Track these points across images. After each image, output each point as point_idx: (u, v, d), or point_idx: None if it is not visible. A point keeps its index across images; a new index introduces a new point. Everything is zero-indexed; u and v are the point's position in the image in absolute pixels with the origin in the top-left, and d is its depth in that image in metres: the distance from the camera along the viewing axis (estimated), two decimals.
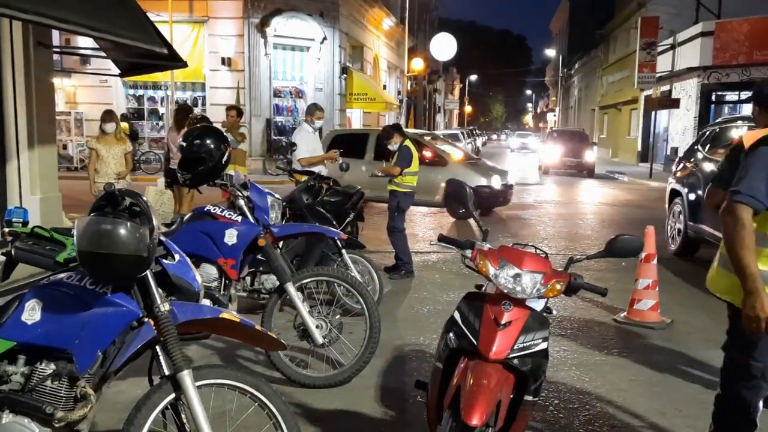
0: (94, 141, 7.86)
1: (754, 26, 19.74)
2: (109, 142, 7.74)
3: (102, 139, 7.76)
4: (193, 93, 20.14)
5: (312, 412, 3.75)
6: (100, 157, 7.68)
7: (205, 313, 2.47)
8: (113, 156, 7.72)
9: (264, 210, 4.20)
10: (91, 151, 7.90)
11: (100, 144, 7.73)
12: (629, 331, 5.46)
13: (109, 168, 7.68)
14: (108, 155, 7.69)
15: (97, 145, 7.73)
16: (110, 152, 7.71)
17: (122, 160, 7.80)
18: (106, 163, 7.67)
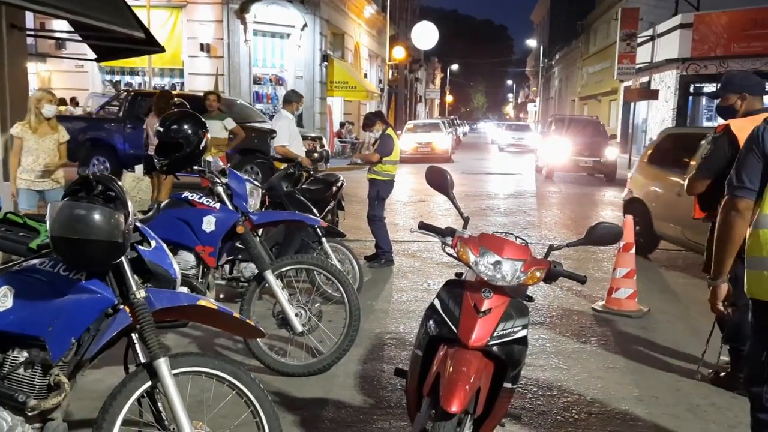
0: (22, 127, 6.00)
1: (732, 18, 19.92)
2: (42, 131, 6.02)
3: (32, 125, 5.98)
4: (171, 79, 19.87)
5: (291, 401, 3.73)
6: (28, 147, 5.98)
7: (182, 300, 2.44)
8: (44, 147, 6.03)
9: (243, 197, 4.15)
10: (15, 139, 6.07)
11: (29, 131, 5.98)
12: (607, 319, 5.51)
13: (39, 161, 6.01)
14: (38, 146, 6.00)
15: (26, 133, 5.97)
16: (41, 142, 6.01)
17: (55, 152, 6.12)
18: (35, 156, 6.00)
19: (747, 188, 2.65)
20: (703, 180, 3.83)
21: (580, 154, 17.54)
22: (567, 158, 17.65)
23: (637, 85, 26.86)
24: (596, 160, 17.49)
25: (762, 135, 2.67)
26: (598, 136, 18.68)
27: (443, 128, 26.32)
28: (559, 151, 17.93)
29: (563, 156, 17.74)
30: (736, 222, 2.67)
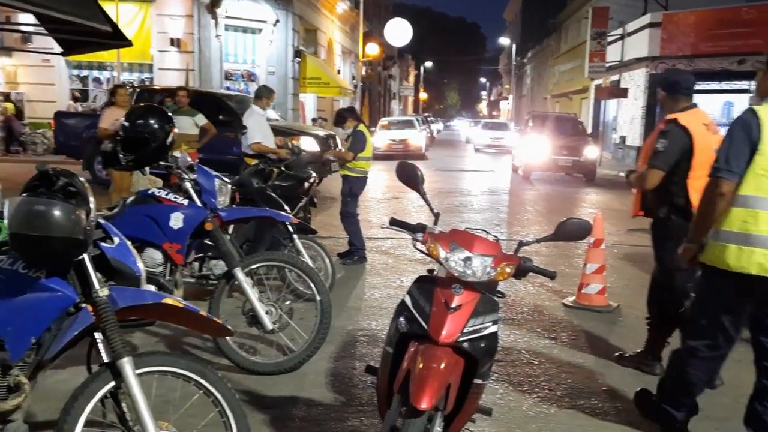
0: None
1: (700, 18, 20.27)
2: None
3: None
4: (141, 74, 19.56)
5: (261, 399, 3.69)
6: None
7: (147, 298, 2.38)
8: None
9: (211, 193, 4.09)
10: None
11: None
12: (578, 314, 5.56)
13: None
14: None
15: None
16: None
17: None
18: None
19: (732, 171, 2.87)
20: (659, 172, 3.89)
21: (559, 153, 16.71)
22: (545, 157, 16.76)
23: (607, 83, 27.20)
24: (576, 159, 16.74)
25: (750, 124, 2.86)
26: (577, 134, 18.12)
27: (417, 125, 26.32)
28: (536, 149, 17.02)
29: (541, 155, 16.83)
30: (718, 202, 2.91)
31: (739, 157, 2.88)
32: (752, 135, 2.86)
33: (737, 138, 2.90)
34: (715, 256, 2.98)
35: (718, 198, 2.90)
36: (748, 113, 2.93)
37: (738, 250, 2.90)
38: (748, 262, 2.88)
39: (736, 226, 2.91)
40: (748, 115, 2.92)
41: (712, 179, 2.93)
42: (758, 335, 3.06)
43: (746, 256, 2.88)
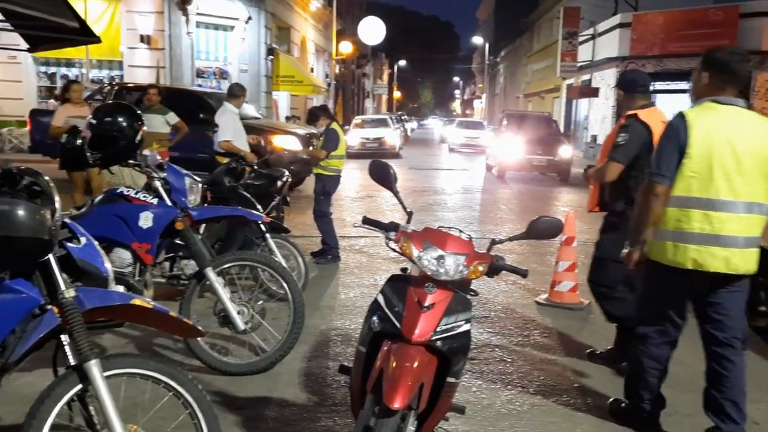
0: None
1: (669, 19, 20.61)
2: None
3: None
4: (110, 71, 19.26)
5: (233, 400, 3.65)
6: None
7: (115, 299, 2.34)
8: None
9: (182, 192, 4.03)
10: None
11: None
12: (550, 312, 5.60)
13: None
14: None
15: None
16: None
17: None
18: None
19: (664, 175, 3.07)
20: (619, 165, 3.95)
21: (534, 153, 16.59)
22: (520, 156, 16.61)
23: (578, 82, 27.51)
24: (550, 158, 16.65)
25: (678, 129, 3.05)
26: (551, 134, 17.99)
27: (391, 124, 26.34)
28: (511, 148, 16.84)
29: (516, 154, 16.69)
30: (654, 203, 3.10)
31: (669, 162, 3.06)
32: (680, 140, 3.03)
33: (667, 144, 3.09)
34: (655, 253, 3.20)
35: (652, 199, 3.09)
36: (677, 118, 3.09)
37: (674, 246, 3.10)
38: (683, 257, 3.08)
39: (671, 225, 3.11)
40: (677, 121, 3.09)
41: (647, 183, 3.15)
42: (703, 324, 3.27)
43: (681, 252, 3.08)
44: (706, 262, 3.05)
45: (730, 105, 3.10)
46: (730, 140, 3.00)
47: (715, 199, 3.02)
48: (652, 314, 3.32)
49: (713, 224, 3.03)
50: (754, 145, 3.03)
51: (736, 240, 3.04)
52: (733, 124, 3.05)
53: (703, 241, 3.04)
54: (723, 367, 3.21)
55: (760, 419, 3.67)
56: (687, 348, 3.72)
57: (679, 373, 4.02)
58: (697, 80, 3.22)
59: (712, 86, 3.14)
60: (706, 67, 3.17)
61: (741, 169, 3.01)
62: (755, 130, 3.07)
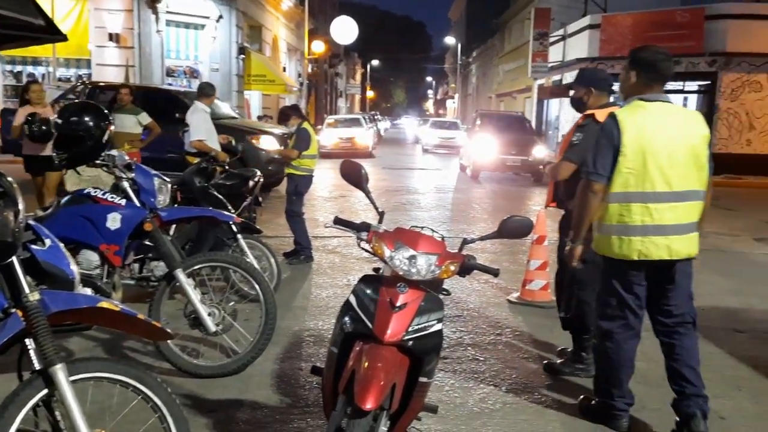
0: None
1: (636, 20, 20.91)
2: None
3: None
4: (78, 70, 18.93)
5: (204, 403, 3.61)
6: None
7: (81, 302, 2.29)
8: None
9: (151, 193, 3.97)
10: None
11: None
12: (522, 310, 5.65)
13: None
14: None
15: None
16: None
17: None
18: None
19: (600, 174, 3.23)
20: (571, 165, 4.01)
21: (508, 153, 16.42)
22: (494, 157, 16.43)
23: (549, 83, 27.77)
24: (524, 159, 16.49)
25: (611, 130, 3.21)
26: (525, 134, 17.88)
27: (364, 123, 26.33)
28: (485, 149, 16.64)
29: (489, 154, 16.49)
30: (592, 200, 3.27)
31: (605, 161, 3.21)
32: (614, 139, 3.19)
33: (601, 144, 3.24)
34: (603, 247, 3.35)
35: (591, 196, 3.25)
36: (609, 119, 3.25)
37: (619, 240, 3.26)
38: (629, 249, 3.24)
39: (614, 219, 3.26)
40: (609, 122, 3.25)
41: (584, 181, 3.29)
42: (652, 311, 3.44)
43: (626, 244, 3.24)
44: (650, 251, 3.22)
45: (657, 101, 3.28)
46: (660, 135, 3.19)
47: (651, 192, 3.20)
48: (614, 308, 3.39)
49: (653, 215, 3.20)
50: (682, 137, 3.23)
51: (676, 228, 3.23)
52: (661, 120, 3.23)
53: (646, 232, 3.21)
54: (677, 340, 3.39)
55: (726, 413, 3.75)
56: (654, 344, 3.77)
57: (647, 369, 4.09)
58: (626, 79, 3.40)
59: (640, 84, 3.33)
60: (633, 66, 3.35)
61: (672, 161, 3.20)
62: (682, 123, 3.28)
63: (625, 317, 3.38)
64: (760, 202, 13.50)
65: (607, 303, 3.43)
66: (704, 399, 3.38)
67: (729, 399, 3.94)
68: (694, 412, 3.32)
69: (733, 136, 19.83)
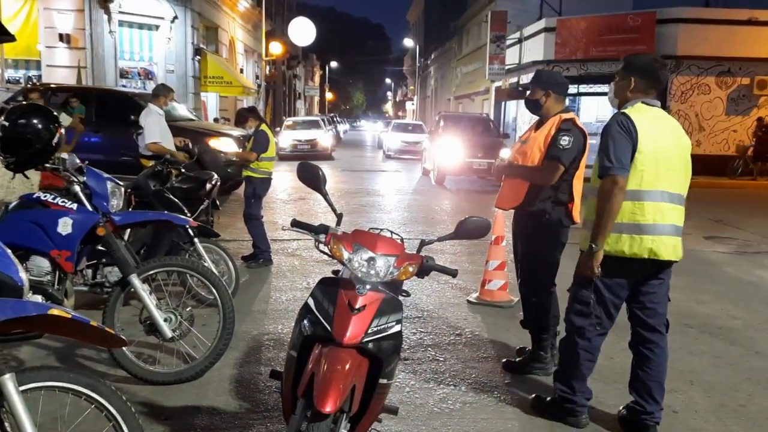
0: None
1: (591, 24, 21.34)
2: None
3: None
4: (27, 71, 18.40)
5: (161, 410, 3.54)
6: None
7: (30, 309, 2.21)
8: None
9: (103, 197, 3.88)
10: None
11: None
12: (481, 310, 5.70)
13: None
14: None
15: None
16: None
17: None
18: None
19: (624, 168, 3.17)
20: (561, 169, 4.02)
21: (474, 156, 15.61)
22: (459, 160, 15.61)
23: (506, 85, 28.13)
24: (491, 162, 14.58)
25: (629, 126, 3.18)
26: (490, 136, 17.28)
27: (323, 125, 26.24)
28: (450, 153, 15.81)
29: (455, 158, 15.66)
30: (619, 196, 3.18)
31: (626, 155, 3.17)
32: (632, 135, 3.18)
33: (620, 139, 3.19)
34: (609, 245, 3.26)
35: (618, 192, 3.16)
36: (623, 117, 3.25)
37: (631, 239, 3.23)
38: (640, 248, 3.23)
39: (626, 217, 3.22)
40: (624, 118, 3.23)
41: (609, 178, 3.18)
42: (636, 312, 3.47)
43: (638, 243, 3.22)
44: (660, 251, 3.24)
45: (654, 106, 3.37)
46: (665, 138, 3.28)
47: (662, 191, 3.24)
48: (591, 306, 3.40)
49: (664, 215, 3.24)
50: (678, 143, 3.33)
51: (677, 229, 3.31)
52: (663, 124, 3.33)
53: (657, 231, 3.23)
54: (651, 352, 3.44)
55: (678, 407, 3.85)
56: (611, 340, 3.85)
57: (604, 366, 4.17)
58: (625, 85, 3.40)
59: (638, 90, 3.36)
60: (632, 72, 3.38)
61: (673, 164, 3.28)
62: (676, 130, 3.38)
63: (599, 317, 3.40)
64: (709, 201, 13.91)
65: (583, 300, 3.42)
66: (660, 410, 3.46)
67: (681, 393, 4.05)
68: (648, 425, 3.42)
69: None
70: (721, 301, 6.27)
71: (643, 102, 3.34)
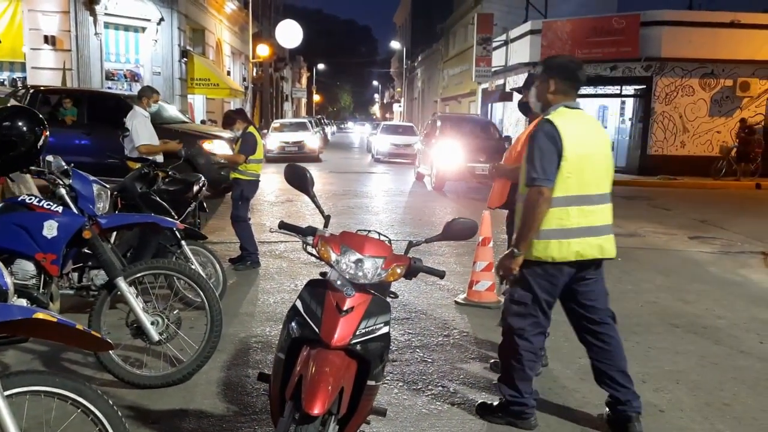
0: None
1: (576, 26, 21.48)
2: None
3: None
4: (12, 73, 18.24)
5: (148, 414, 3.52)
6: None
7: (14, 313, 2.19)
8: None
9: (89, 199, 3.85)
10: None
11: None
12: (469, 311, 5.72)
13: None
14: None
15: None
16: None
17: None
18: None
19: (549, 179, 3.23)
20: None
21: (476, 161, 14.59)
22: (459, 165, 14.70)
23: (493, 87, 28.24)
24: None
25: (554, 135, 3.23)
26: (492, 139, 16.46)
27: (311, 127, 26.20)
28: (449, 156, 14.81)
29: (455, 163, 14.74)
30: (544, 205, 3.25)
31: (552, 165, 3.24)
32: (557, 144, 3.23)
33: (546, 149, 3.24)
34: (539, 252, 3.34)
35: (543, 202, 3.24)
36: (548, 125, 3.28)
37: (559, 244, 3.31)
38: (568, 251, 3.32)
39: (554, 224, 3.29)
40: (549, 127, 3.26)
41: (534, 188, 3.25)
42: (575, 311, 3.56)
43: (565, 247, 3.31)
44: (586, 251, 3.34)
45: (576, 109, 3.42)
46: (587, 140, 3.34)
47: (586, 195, 3.31)
48: (529, 308, 3.46)
49: (588, 217, 3.32)
50: (599, 142, 3.40)
51: (604, 228, 3.39)
52: (585, 126, 3.39)
53: (582, 233, 3.32)
54: (605, 342, 3.51)
55: (665, 406, 3.88)
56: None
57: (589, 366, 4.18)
58: (545, 87, 3.45)
59: (559, 91, 3.42)
60: (551, 73, 3.44)
61: (597, 165, 3.35)
62: (597, 129, 3.46)
63: (536, 316, 3.46)
64: (694, 201, 14.03)
65: (520, 301, 3.47)
66: (637, 398, 3.50)
67: (668, 392, 4.08)
68: (631, 416, 3.46)
69: (668, 138, 20.59)
70: (706, 300, 6.32)
71: (565, 105, 3.38)
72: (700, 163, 19.59)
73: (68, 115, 11.87)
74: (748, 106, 20.40)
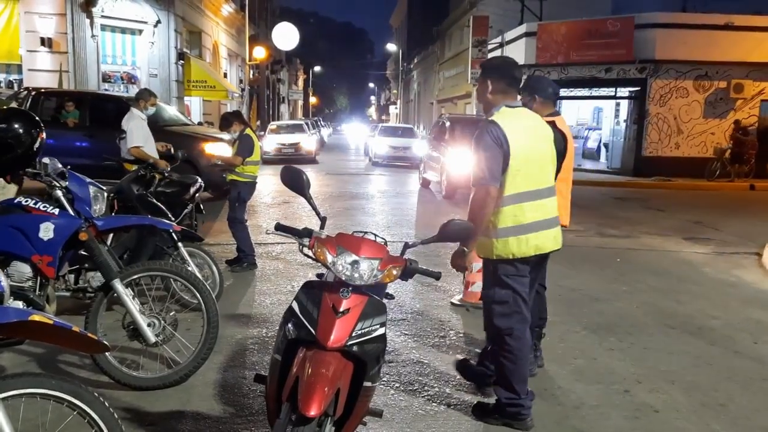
0: None
1: (570, 29, 21.52)
2: None
3: None
4: (8, 75, 18.21)
5: (145, 416, 3.52)
6: None
7: (10, 315, 2.20)
8: None
9: (85, 201, 3.86)
10: None
11: None
12: (465, 312, 5.73)
13: None
14: None
15: None
16: None
17: None
18: None
19: (495, 179, 3.34)
20: None
21: None
22: None
23: None
24: None
25: (499, 135, 3.31)
26: None
27: (307, 129, 26.20)
28: (461, 162, 12.80)
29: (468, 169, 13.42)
30: (491, 204, 3.36)
31: (497, 166, 3.33)
32: (503, 145, 3.31)
33: (491, 150, 3.32)
34: (500, 250, 3.44)
35: (490, 201, 3.34)
36: (493, 125, 3.36)
37: (517, 240, 3.41)
38: (527, 247, 3.43)
39: (510, 221, 3.41)
40: (494, 127, 3.34)
41: (483, 188, 3.35)
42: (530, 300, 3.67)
43: (524, 243, 3.42)
44: (544, 244, 3.49)
45: (517, 107, 3.52)
46: (531, 137, 3.44)
47: (536, 190, 3.44)
48: (511, 305, 3.50)
49: (540, 211, 3.46)
50: (541, 138, 3.52)
51: (555, 220, 3.57)
52: (526, 123, 3.48)
53: (539, 227, 3.44)
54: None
55: (659, 407, 3.89)
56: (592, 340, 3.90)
57: (588, 367, 4.20)
58: (484, 88, 3.54)
59: (497, 92, 3.50)
60: (487, 75, 3.53)
61: (542, 160, 3.48)
62: (538, 126, 3.56)
63: (520, 312, 3.51)
64: (688, 202, 14.07)
65: (502, 302, 3.51)
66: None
67: (662, 393, 4.10)
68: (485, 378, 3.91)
69: (663, 140, 20.64)
70: (700, 301, 6.35)
71: (507, 106, 3.45)
72: (694, 165, 19.63)
73: (70, 117, 11.87)
74: (741, 107, 20.46)
